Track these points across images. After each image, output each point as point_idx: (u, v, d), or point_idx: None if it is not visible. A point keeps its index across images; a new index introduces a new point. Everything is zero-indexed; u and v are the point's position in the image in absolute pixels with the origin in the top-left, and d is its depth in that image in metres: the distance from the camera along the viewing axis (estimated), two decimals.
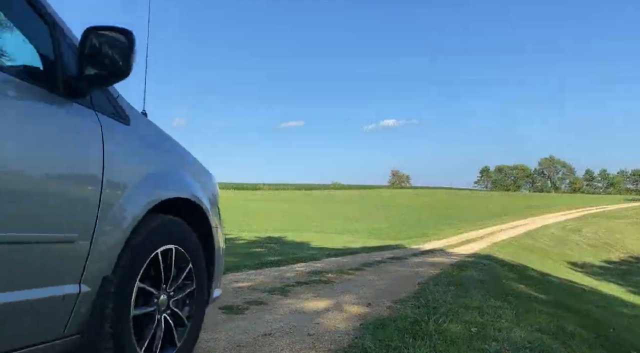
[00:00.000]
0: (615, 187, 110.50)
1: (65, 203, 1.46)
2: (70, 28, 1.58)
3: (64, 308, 1.48)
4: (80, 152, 1.52)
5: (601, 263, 22.82)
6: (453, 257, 11.05)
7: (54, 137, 1.44)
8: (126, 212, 1.66)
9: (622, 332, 5.99)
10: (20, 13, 1.48)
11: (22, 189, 1.31)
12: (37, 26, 1.47)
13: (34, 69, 1.50)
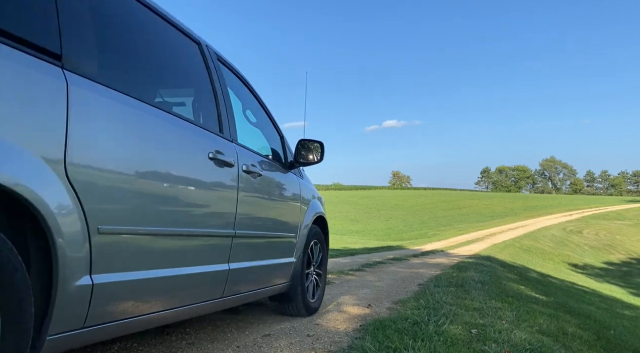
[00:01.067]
0: (616, 188, 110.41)
1: (291, 219, 3.22)
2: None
3: (289, 268, 3.21)
4: (294, 190, 3.31)
5: (602, 264, 22.80)
6: (453, 258, 11.04)
7: (285, 183, 3.19)
8: (307, 223, 3.46)
9: (622, 334, 5.98)
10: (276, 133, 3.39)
11: (281, 213, 3.06)
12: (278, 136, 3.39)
13: (277, 156, 3.27)
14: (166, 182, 1.89)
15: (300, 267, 3.34)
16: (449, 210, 45.27)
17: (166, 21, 2.25)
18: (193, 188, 2.09)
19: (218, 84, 2.57)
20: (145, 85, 2.09)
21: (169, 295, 2.01)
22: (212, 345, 2.62)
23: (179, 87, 2.70)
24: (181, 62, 2.45)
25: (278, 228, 3.02)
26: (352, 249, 15.14)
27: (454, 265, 8.85)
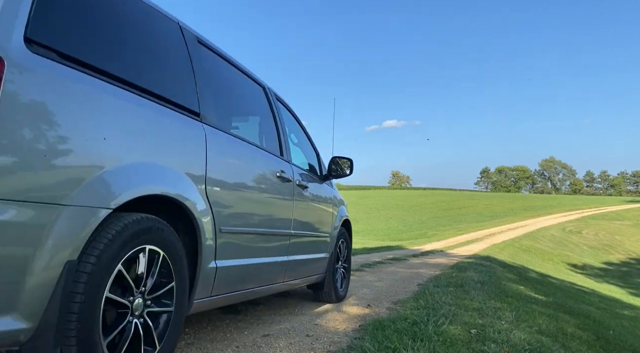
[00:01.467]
0: (616, 188, 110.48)
1: (326, 222, 3.88)
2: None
3: (324, 262, 3.86)
4: (328, 198, 4.02)
5: (601, 264, 22.81)
6: (453, 258, 11.04)
7: (322, 193, 3.87)
8: (337, 225, 4.16)
9: (622, 334, 5.98)
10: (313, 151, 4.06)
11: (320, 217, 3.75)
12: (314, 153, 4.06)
13: (314, 170, 3.91)
14: (254, 196, 2.68)
15: (332, 262, 4.08)
16: (449, 210, 45.28)
17: (248, 76, 3.16)
18: (269, 200, 2.88)
19: (277, 118, 3.41)
20: (249, 129, 3.26)
21: (257, 277, 2.82)
22: (211, 345, 2.62)
23: (256, 123, 3.42)
24: (257, 104, 3.33)
25: (318, 230, 3.75)
26: (352, 249, 15.14)
27: (453, 265, 8.85)
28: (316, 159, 4.11)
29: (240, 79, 3.05)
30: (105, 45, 1.80)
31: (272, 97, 3.46)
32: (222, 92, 2.75)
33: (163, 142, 1.95)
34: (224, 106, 2.72)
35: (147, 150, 1.84)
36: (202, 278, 2.15)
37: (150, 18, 2.17)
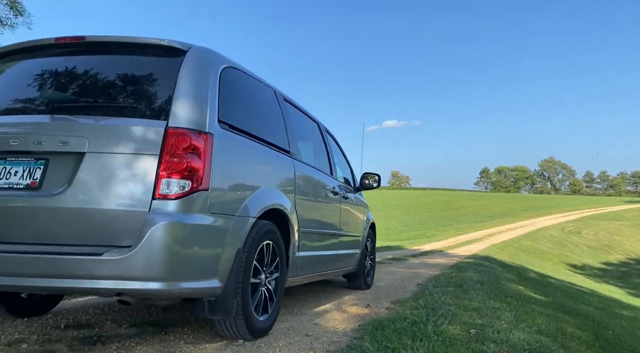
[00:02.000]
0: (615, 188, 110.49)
1: (359, 225, 4.88)
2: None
3: (356, 257, 4.78)
4: (360, 206, 5.01)
5: (600, 265, 22.82)
6: (452, 258, 11.04)
7: (356, 201, 4.85)
8: (366, 227, 5.11)
9: (621, 334, 5.98)
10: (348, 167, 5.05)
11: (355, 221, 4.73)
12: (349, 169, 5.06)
13: (349, 183, 4.89)
14: (318, 206, 3.70)
15: (362, 257, 5.00)
16: (448, 210, 45.28)
17: (308, 116, 4.16)
18: (326, 209, 3.91)
19: (327, 146, 4.45)
20: (311, 156, 4.02)
21: (319, 265, 3.82)
22: (210, 344, 2.62)
23: (314, 151, 4.23)
24: (314, 136, 4.28)
25: (353, 231, 4.68)
26: None
27: (452, 265, 8.85)
28: (350, 174, 5.13)
29: (304, 119, 4.08)
30: (250, 119, 2.92)
31: (323, 130, 4.51)
32: (297, 132, 3.65)
33: (275, 173, 3.02)
34: (299, 142, 3.62)
35: (268, 180, 2.91)
36: (291, 263, 3.15)
37: (264, 92, 3.29)
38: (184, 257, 2.14)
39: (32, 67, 2.66)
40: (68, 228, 2.13)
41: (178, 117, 2.24)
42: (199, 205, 2.21)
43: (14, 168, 2.25)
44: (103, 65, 2.56)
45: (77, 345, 2.51)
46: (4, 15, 18.80)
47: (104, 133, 2.22)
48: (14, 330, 2.78)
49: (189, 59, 2.43)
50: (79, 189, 2.15)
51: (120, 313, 3.35)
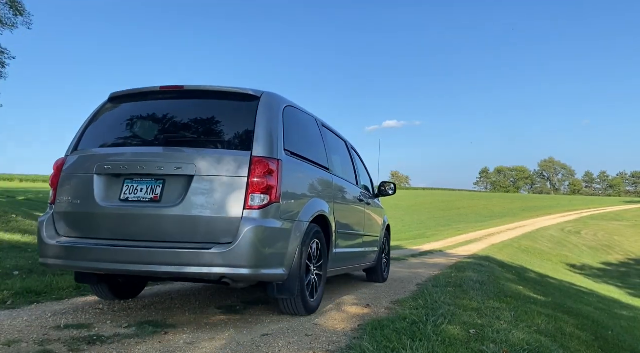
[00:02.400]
0: (615, 189, 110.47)
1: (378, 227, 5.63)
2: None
3: (375, 254, 5.52)
4: (378, 210, 5.76)
5: (600, 265, 22.82)
6: (452, 258, 11.04)
7: (376, 207, 5.62)
8: (383, 228, 5.87)
9: (620, 334, 5.99)
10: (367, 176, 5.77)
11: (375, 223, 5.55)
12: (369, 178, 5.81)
13: (369, 190, 5.61)
14: (349, 211, 4.48)
15: (379, 254, 5.73)
16: (448, 210, 45.28)
17: (338, 136, 4.89)
18: (354, 213, 4.68)
19: (353, 160, 5.25)
20: (341, 169, 4.59)
21: (349, 260, 4.55)
22: (210, 344, 2.61)
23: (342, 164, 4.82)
24: (343, 153, 4.98)
25: (374, 231, 5.40)
26: None
27: (452, 265, 8.85)
28: (370, 182, 5.85)
29: (335, 139, 4.79)
30: (302, 145, 3.68)
31: (349, 146, 5.28)
32: (332, 151, 4.40)
33: (319, 186, 3.79)
34: (334, 159, 4.38)
35: (316, 192, 3.68)
36: (330, 258, 3.86)
37: (309, 121, 4.09)
38: (264, 251, 2.92)
39: (143, 108, 3.46)
40: (183, 230, 2.90)
41: (258, 148, 3.02)
42: (274, 213, 3.00)
43: (140, 186, 3.05)
44: (199, 108, 3.34)
45: (76, 345, 2.51)
46: (3, 15, 18.78)
47: (206, 161, 2.99)
48: (14, 330, 2.78)
49: (262, 103, 3.24)
50: (190, 202, 2.92)
51: (120, 313, 3.35)
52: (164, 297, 4.10)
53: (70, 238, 3.12)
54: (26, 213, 13.56)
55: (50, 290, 4.04)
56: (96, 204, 3.06)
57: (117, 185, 3.10)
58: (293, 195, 3.25)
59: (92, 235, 3.08)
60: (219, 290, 4.63)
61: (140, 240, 2.93)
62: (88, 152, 3.29)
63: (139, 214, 2.98)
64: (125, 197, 3.05)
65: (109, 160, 3.14)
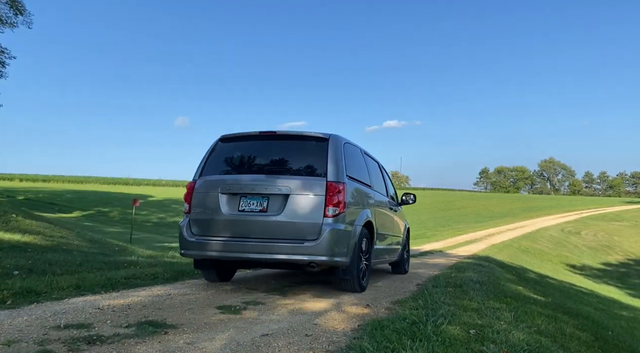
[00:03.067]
0: (615, 189, 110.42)
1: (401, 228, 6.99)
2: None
3: (399, 251, 6.82)
4: (402, 215, 7.17)
5: (600, 265, 22.82)
6: (452, 259, 11.04)
7: (399, 212, 6.98)
8: (404, 230, 7.21)
9: (620, 335, 5.99)
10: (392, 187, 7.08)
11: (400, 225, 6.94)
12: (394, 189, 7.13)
13: (394, 199, 6.88)
14: (383, 215, 5.69)
15: (402, 251, 6.94)
16: (448, 210, 45.28)
17: (372, 158, 6.00)
18: (387, 218, 5.90)
19: (384, 176, 6.45)
20: (377, 186, 5.78)
21: (384, 255, 5.87)
22: (209, 344, 2.61)
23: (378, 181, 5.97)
24: (377, 171, 6.07)
25: (398, 232, 6.61)
26: None
27: (452, 265, 8.85)
28: (394, 192, 7.07)
29: (372, 162, 5.96)
30: (355, 170, 4.85)
31: (380, 166, 6.52)
32: (371, 171, 5.68)
33: (367, 200, 5.01)
34: (372, 177, 5.63)
35: (364, 204, 4.87)
36: (373, 252, 5.07)
37: (356, 151, 5.25)
38: (336, 245, 4.15)
39: (248, 146, 4.86)
40: (283, 231, 4.20)
41: (331, 175, 4.31)
42: (341, 220, 4.27)
43: (252, 201, 4.37)
44: (288, 147, 4.70)
45: (76, 345, 2.51)
46: (4, 14, 18.78)
47: (297, 184, 4.28)
48: (14, 329, 2.77)
49: (330, 142, 4.55)
50: (288, 212, 4.22)
51: (120, 313, 3.34)
52: (164, 297, 4.10)
53: (202, 236, 4.43)
54: (26, 213, 13.57)
55: (50, 289, 4.03)
56: (222, 213, 4.40)
57: (235, 201, 4.42)
58: (352, 207, 4.52)
59: (218, 234, 4.38)
60: (218, 290, 4.63)
61: (252, 238, 4.26)
62: (212, 178, 4.60)
63: (251, 220, 4.30)
64: (242, 209, 4.38)
65: (229, 183, 4.47)
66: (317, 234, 4.11)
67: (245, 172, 4.60)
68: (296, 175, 4.37)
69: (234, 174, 4.62)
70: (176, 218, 29.92)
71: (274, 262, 4.36)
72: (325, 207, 4.18)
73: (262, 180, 4.37)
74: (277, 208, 4.25)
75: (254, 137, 4.80)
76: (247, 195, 4.37)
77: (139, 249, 11.14)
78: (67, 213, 26.99)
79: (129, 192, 46.23)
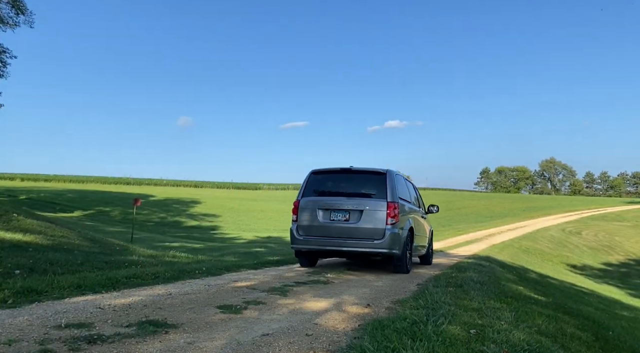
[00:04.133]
0: (616, 189, 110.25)
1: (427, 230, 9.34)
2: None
3: (426, 248, 9.16)
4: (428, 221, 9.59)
5: (601, 265, 22.79)
6: (452, 258, 11.04)
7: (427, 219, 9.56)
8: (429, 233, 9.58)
9: (621, 335, 5.98)
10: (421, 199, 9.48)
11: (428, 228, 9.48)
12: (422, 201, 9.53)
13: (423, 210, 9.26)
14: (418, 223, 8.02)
15: (428, 248, 9.16)
16: (448, 210, 45.27)
17: (408, 180, 8.67)
18: (420, 224, 8.26)
19: (417, 194, 9.06)
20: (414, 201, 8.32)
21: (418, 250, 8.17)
22: (210, 343, 2.62)
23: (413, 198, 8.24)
24: (413, 190, 8.64)
25: (426, 233, 8.76)
26: None
27: (453, 265, 8.85)
28: (423, 203, 9.17)
29: (410, 184, 8.40)
30: (401, 191, 7.17)
31: (415, 187, 8.75)
32: (410, 191, 8.04)
33: (409, 213, 7.35)
34: (411, 195, 7.86)
35: (408, 215, 7.20)
36: (412, 248, 7.33)
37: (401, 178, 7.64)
38: (393, 243, 6.43)
39: (333, 177, 7.17)
40: (360, 233, 6.49)
41: (389, 197, 6.52)
42: (396, 226, 6.48)
43: (339, 214, 6.66)
44: (360, 177, 6.96)
45: (77, 344, 2.51)
46: (5, 14, 18.79)
47: (368, 203, 6.59)
48: (15, 329, 2.78)
49: (387, 175, 6.78)
50: (363, 221, 6.53)
51: (121, 313, 3.35)
52: (165, 296, 4.10)
53: (306, 236, 6.79)
54: (27, 212, 13.58)
55: (51, 289, 4.04)
56: (319, 221, 6.73)
57: (328, 213, 6.71)
58: (401, 217, 6.73)
59: (316, 235, 6.73)
60: (219, 289, 4.63)
61: (339, 237, 6.57)
62: (311, 198, 6.91)
63: (339, 226, 6.62)
64: (332, 219, 6.68)
65: (323, 202, 6.78)
66: (382, 236, 6.45)
67: (333, 195, 6.91)
68: (367, 198, 6.73)
69: (326, 196, 6.92)
70: (177, 218, 29.97)
71: (352, 253, 6.75)
72: (387, 218, 6.48)
73: (344, 201, 6.72)
74: (356, 219, 6.60)
75: (336, 171, 7.16)
76: (335, 210, 6.70)
77: (140, 249, 11.15)
78: (68, 213, 27.01)
79: (130, 191, 46.26)
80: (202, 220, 30.03)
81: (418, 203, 8.70)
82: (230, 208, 36.17)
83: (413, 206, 7.88)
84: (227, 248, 16.77)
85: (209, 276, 5.79)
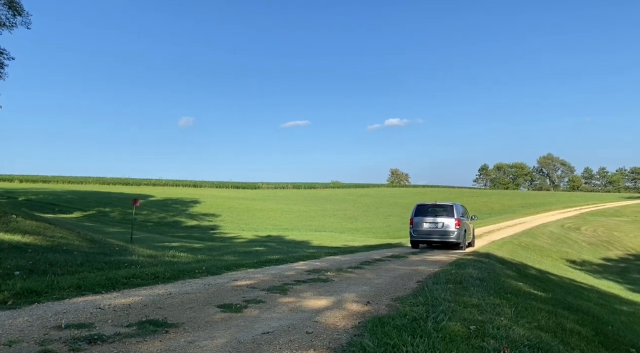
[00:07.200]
0: (614, 185, 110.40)
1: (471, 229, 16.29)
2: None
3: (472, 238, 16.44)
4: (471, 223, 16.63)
5: (600, 261, 22.83)
6: (452, 255, 11.05)
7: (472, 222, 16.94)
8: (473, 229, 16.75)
9: (620, 329, 6.00)
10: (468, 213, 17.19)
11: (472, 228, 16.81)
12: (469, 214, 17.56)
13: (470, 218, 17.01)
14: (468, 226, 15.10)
15: (472, 239, 16.10)
16: None
17: (463, 206, 16.35)
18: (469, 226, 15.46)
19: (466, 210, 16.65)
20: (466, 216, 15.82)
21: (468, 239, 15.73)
22: (211, 342, 2.62)
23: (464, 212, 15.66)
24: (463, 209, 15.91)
25: (471, 232, 15.83)
26: (352, 247, 15.13)
27: (452, 262, 8.86)
28: (469, 215, 16.13)
29: (463, 207, 15.80)
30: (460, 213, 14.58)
31: (464, 207, 15.95)
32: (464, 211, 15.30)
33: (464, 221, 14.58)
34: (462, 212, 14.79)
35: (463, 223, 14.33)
36: (465, 238, 14.54)
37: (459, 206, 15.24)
38: (458, 237, 13.71)
39: (428, 206, 14.59)
40: (444, 233, 13.84)
41: (456, 216, 13.82)
42: (459, 229, 13.72)
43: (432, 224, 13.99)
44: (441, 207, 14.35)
45: (77, 344, 2.51)
46: (2, 15, 18.73)
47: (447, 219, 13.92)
48: (15, 329, 2.78)
49: (454, 205, 14.40)
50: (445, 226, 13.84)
51: (121, 313, 3.35)
52: (165, 296, 4.10)
53: (417, 234, 13.95)
54: (26, 213, 13.57)
55: (51, 290, 4.04)
56: (424, 227, 13.87)
57: (427, 223, 13.85)
58: (461, 224, 13.65)
59: (423, 234, 13.89)
60: (219, 289, 4.64)
61: (435, 235, 13.81)
62: (418, 217, 13.98)
63: (434, 229, 13.76)
64: (429, 225, 13.84)
65: (424, 218, 13.92)
66: (453, 234, 13.37)
67: (429, 215, 13.80)
68: (445, 217, 13.51)
69: (426, 215, 13.80)
70: (177, 218, 29.95)
71: (439, 241, 13.72)
72: (455, 226, 13.34)
73: (435, 219, 13.68)
74: (442, 225, 13.48)
75: (430, 205, 14.40)
76: (431, 222, 13.64)
77: (139, 249, 11.15)
78: (67, 214, 26.99)
79: (130, 192, 46.22)
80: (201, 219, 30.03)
81: (467, 216, 15.36)
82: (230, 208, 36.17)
83: (465, 218, 14.47)
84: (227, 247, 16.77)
85: (208, 275, 5.79)
